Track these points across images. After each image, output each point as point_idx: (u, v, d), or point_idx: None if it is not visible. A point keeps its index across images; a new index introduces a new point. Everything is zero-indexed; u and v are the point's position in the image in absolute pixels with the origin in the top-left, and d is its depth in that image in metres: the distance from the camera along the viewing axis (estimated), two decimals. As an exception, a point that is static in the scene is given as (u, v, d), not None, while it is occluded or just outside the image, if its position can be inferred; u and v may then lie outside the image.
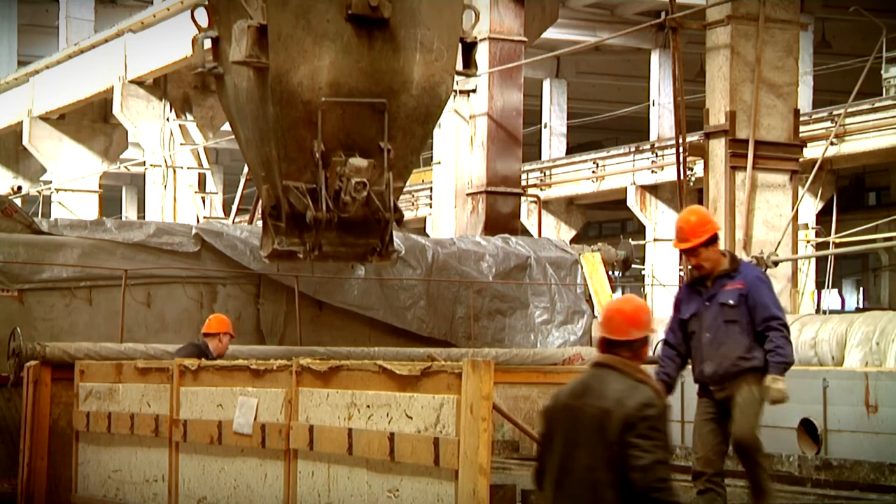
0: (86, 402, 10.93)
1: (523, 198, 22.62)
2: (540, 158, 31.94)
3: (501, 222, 19.76)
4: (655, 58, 29.71)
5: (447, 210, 20.86)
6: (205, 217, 26.37)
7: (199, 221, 24.65)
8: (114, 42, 27.89)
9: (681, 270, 19.79)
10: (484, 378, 7.00)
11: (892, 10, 24.45)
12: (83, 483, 10.98)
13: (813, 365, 13.68)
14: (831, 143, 21.51)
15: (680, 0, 19.17)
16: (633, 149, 28.19)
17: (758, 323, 8.27)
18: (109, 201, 40.62)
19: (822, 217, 24.34)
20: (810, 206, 23.77)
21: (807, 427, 12.45)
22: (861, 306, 35.96)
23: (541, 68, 30.71)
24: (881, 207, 31.08)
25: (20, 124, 32.13)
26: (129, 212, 46.02)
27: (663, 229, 27.21)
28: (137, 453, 10.28)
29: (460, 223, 20.46)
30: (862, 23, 22.14)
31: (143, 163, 28.97)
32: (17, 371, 11.55)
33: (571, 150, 33.31)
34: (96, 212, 31.03)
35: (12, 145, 34.62)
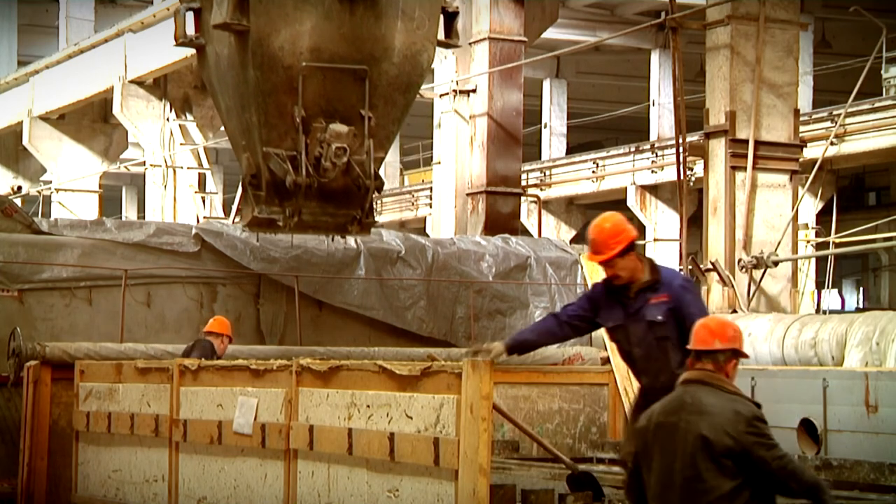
0: (86, 402, 10.93)
1: (523, 198, 22.62)
2: (540, 158, 31.93)
3: (501, 222, 19.76)
4: (655, 58, 29.71)
5: (447, 210, 20.86)
6: (205, 217, 26.37)
7: (199, 221, 24.63)
8: (114, 42, 27.88)
9: (681, 270, 19.79)
10: (484, 378, 7.00)
11: (892, 10, 24.45)
12: (83, 483, 10.98)
13: (813, 365, 13.69)
14: (831, 143, 21.50)
15: (680, 0, 19.17)
16: (633, 149, 28.18)
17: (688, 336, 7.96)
18: (109, 201, 40.62)
19: (822, 217, 24.33)
20: (810, 206, 23.76)
21: (807, 427, 12.45)
22: (861, 306, 35.96)
23: (541, 68, 30.71)
24: (881, 207, 31.08)
25: (20, 124, 32.12)
26: (129, 212, 46.02)
27: (663, 229, 27.22)
28: (137, 453, 10.28)
29: (460, 223, 20.45)
30: (862, 23, 22.13)
31: (143, 163, 28.97)
32: (17, 371, 11.55)
33: (571, 150, 33.30)
34: (96, 212, 31.02)
35: (12, 145, 34.62)
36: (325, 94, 11.04)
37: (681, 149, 17.80)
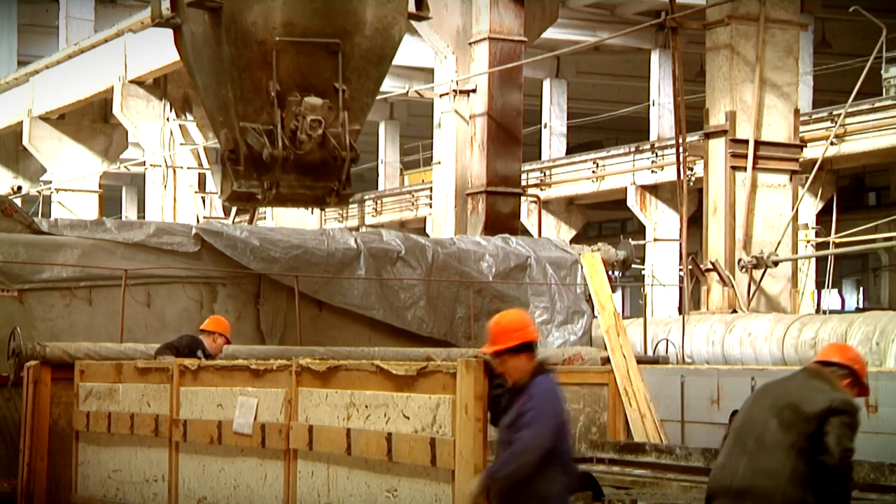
0: (86, 402, 10.92)
1: (523, 198, 22.62)
2: (540, 158, 31.92)
3: (501, 222, 19.76)
4: (655, 58, 29.70)
5: (447, 210, 20.87)
6: (205, 217, 26.38)
7: (199, 221, 24.65)
8: (114, 42, 27.90)
9: (681, 270, 19.80)
10: (477, 378, 7.00)
11: (892, 10, 24.43)
12: (83, 483, 10.98)
13: (813, 365, 13.68)
14: (831, 143, 21.51)
15: (680, 0, 19.18)
16: (633, 149, 28.17)
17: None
18: (109, 201, 40.62)
19: (822, 217, 24.32)
20: (810, 206, 23.76)
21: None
22: (861, 306, 35.94)
23: (541, 68, 30.69)
24: (881, 207, 31.06)
25: (20, 124, 32.14)
26: (129, 212, 46.01)
27: (663, 229, 27.21)
28: (137, 453, 10.28)
29: (460, 223, 20.45)
30: (862, 23, 22.12)
31: (143, 163, 28.98)
32: (17, 371, 11.54)
33: (571, 150, 33.28)
34: (96, 212, 31.04)
35: (12, 145, 34.64)
36: (299, 69, 11.25)
37: (681, 149, 17.80)
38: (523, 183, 23.34)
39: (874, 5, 21.89)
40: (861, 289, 38.60)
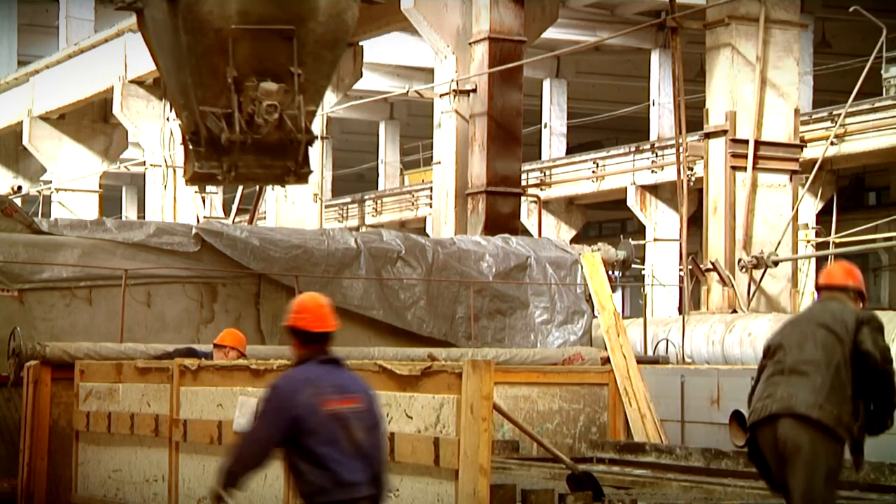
0: (86, 402, 10.92)
1: (523, 198, 22.61)
2: (540, 158, 31.91)
3: (501, 222, 19.75)
4: (655, 58, 29.69)
5: (447, 210, 20.86)
6: (205, 217, 26.37)
7: (199, 221, 24.64)
8: (114, 42, 27.90)
9: (681, 270, 19.81)
10: (484, 378, 7.00)
11: (892, 10, 24.42)
12: (83, 483, 10.98)
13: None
14: (831, 143, 21.51)
15: (680, 0, 19.17)
16: (633, 149, 28.17)
17: None
18: (109, 201, 40.60)
19: (822, 217, 24.33)
20: (810, 206, 23.76)
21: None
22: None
23: (541, 68, 30.68)
24: (881, 207, 31.04)
25: (20, 124, 32.14)
26: (129, 212, 46.01)
27: (663, 229, 27.20)
28: (137, 453, 10.28)
29: (460, 223, 20.45)
30: (862, 23, 22.11)
31: (143, 163, 28.98)
32: (17, 371, 11.54)
33: (571, 150, 33.27)
34: (96, 212, 31.04)
35: (12, 145, 34.64)
36: (256, 54, 11.48)
37: (681, 149, 17.81)
38: (523, 183, 23.33)
39: (874, 5, 21.88)
40: (861, 289, 38.53)
